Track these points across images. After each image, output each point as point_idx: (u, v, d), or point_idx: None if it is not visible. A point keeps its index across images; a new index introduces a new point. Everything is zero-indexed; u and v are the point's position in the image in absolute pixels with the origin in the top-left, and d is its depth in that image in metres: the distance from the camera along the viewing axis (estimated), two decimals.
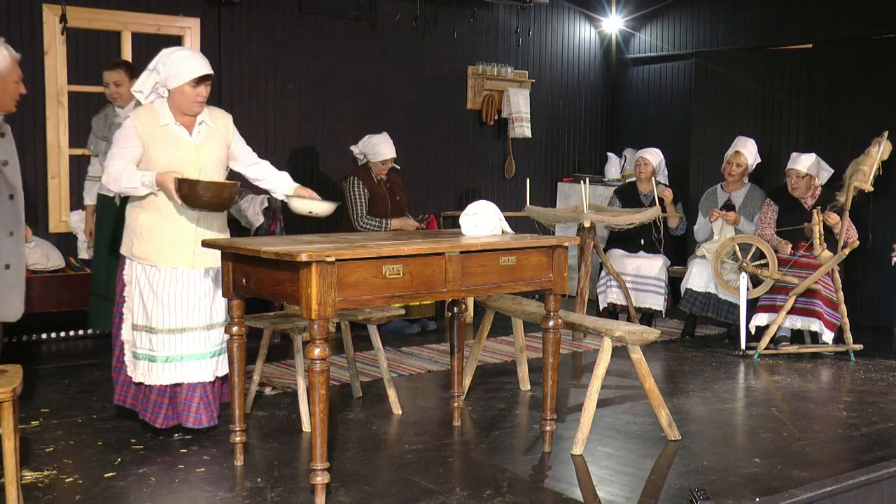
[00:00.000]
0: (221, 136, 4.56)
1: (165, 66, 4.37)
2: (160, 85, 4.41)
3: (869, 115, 7.66)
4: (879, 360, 6.56)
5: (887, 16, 7.65)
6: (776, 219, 7.08)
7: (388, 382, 5.16)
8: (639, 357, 4.62)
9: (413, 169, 8.36)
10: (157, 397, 4.48)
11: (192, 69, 4.35)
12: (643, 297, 7.45)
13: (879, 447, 4.60)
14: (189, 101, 4.39)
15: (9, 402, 3.34)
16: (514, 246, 4.12)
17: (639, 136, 9.40)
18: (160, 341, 4.40)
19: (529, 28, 9.32)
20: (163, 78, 4.39)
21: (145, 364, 4.44)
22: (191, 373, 4.44)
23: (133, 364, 4.48)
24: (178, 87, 4.36)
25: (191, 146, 4.44)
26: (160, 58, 4.42)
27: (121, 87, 5.96)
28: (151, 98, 4.46)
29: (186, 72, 4.35)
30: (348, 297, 3.63)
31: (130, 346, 4.49)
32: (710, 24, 9.01)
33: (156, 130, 4.39)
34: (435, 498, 3.85)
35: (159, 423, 4.50)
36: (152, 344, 4.41)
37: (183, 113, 4.42)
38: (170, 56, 4.40)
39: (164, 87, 4.41)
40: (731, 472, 4.22)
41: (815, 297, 6.64)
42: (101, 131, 6.06)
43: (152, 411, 4.49)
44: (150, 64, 4.43)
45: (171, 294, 4.40)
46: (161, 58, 4.42)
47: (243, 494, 3.88)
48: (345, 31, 8.21)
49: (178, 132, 4.43)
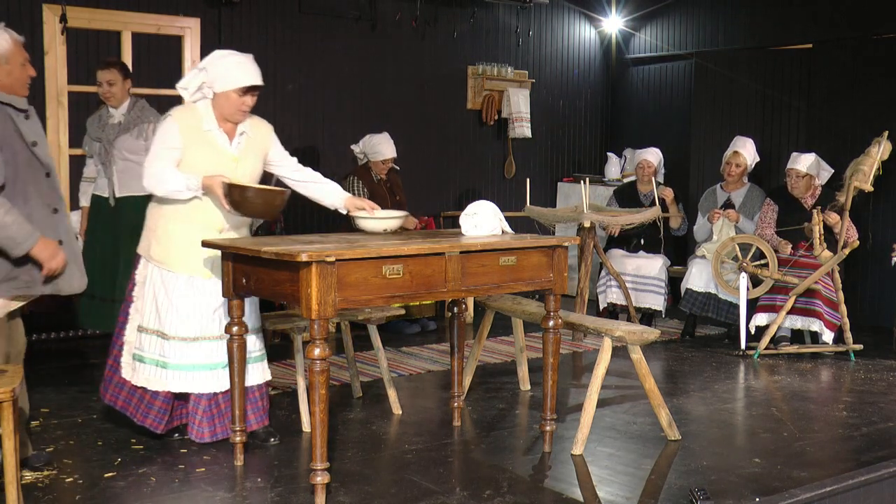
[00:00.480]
0: (260, 149, 4.47)
1: (215, 68, 4.27)
2: (206, 85, 4.30)
3: (869, 115, 7.66)
4: (879, 360, 6.56)
5: (887, 16, 7.65)
6: (776, 218, 7.08)
7: (388, 382, 5.16)
8: (639, 357, 4.62)
9: (413, 169, 8.36)
10: (162, 404, 4.42)
11: (242, 77, 4.26)
12: (643, 297, 7.45)
13: (879, 447, 4.60)
14: (233, 108, 4.29)
15: (9, 402, 3.34)
16: (514, 246, 4.12)
17: (639, 136, 9.40)
18: (172, 348, 4.33)
19: (529, 28, 9.32)
20: (210, 79, 4.28)
21: (151, 369, 4.36)
22: (200, 383, 4.37)
23: (131, 366, 4.41)
24: (224, 91, 4.26)
25: (229, 156, 4.34)
26: (212, 58, 4.31)
27: (114, 87, 5.89)
28: (196, 97, 4.34)
29: (236, 79, 4.25)
30: (348, 297, 3.63)
31: (132, 347, 4.43)
32: (710, 24, 9.01)
33: (198, 134, 4.29)
34: (435, 498, 3.85)
35: (161, 430, 4.47)
36: (164, 350, 4.34)
37: (225, 119, 4.32)
38: (222, 59, 4.30)
39: (209, 88, 4.30)
40: (731, 472, 4.22)
41: (815, 297, 6.64)
42: (95, 132, 5.99)
43: (155, 417, 4.43)
44: (201, 63, 4.34)
45: (186, 302, 4.32)
46: (213, 58, 4.31)
47: (243, 494, 3.88)
48: (345, 31, 8.21)
49: (220, 140, 4.33)
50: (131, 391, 4.45)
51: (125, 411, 4.48)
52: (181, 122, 4.29)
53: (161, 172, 4.21)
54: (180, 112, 4.34)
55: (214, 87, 4.28)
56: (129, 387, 4.45)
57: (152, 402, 4.42)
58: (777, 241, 6.96)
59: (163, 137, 4.27)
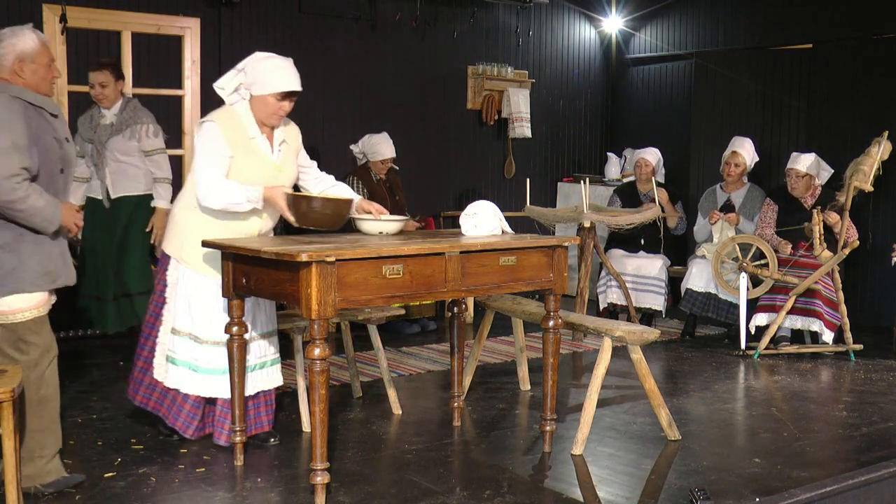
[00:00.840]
0: (294, 154, 4.43)
1: (255, 71, 4.20)
2: (244, 87, 4.24)
3: (869, 115, 7.66)
4: (879, 360, 6.56)
5: (887, 16, 7.65)
6: (776, 218, 7.08)
7: (388, 382, 5.16)
8: (639, 357, 4.62)
9: (413, 169, 8.36)
10: (191, 408, 4.40)
11: (282, 82, 4.18)
12: (643, 297, 7.45)
13: (879, 447, 4.60)
14: (269, 113, 4.23)
15: (9, 402, 3.35)
16: (514, 246, 4.12)
17: (639, 136, 9.40)
18: (205, 352, 4.31)
19: (529, 28, 9.32)
20: (248, 81, 4.21)
21: (184, 371, 4.33)
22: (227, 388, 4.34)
23: (164, 367, 4.37)
24: (262, 95, 4.19)
25: (272, 165, 4.29)
26: (251, 61, 4.24)
27: (106, 88, 5.90)
28: (233, 98, 4.28)
29: (276, 83, 4.17)
30: (348, 297, 3.63)
31: (164, 348, 4.37)
32: (710, 24, 9.01)
33: (243, 142, 4.20)
34: (435, 498, 3.85)
35: (190, 434, 4.44)
36: (196, 353, 4.32)
37: (261, 122, 4.26)
38: (262, 62, 4.22)
39: (246, 90, 4.25)
40: (731, 472, 4.22)
41: (815, 297, 6.64)
42: (87, 133, 5.99)
43: (184, 421, 4.41)
44: (239, 64, 4.27)
45: (219, 306, 4.29)
46: (252, 61, 4.24)
47: (243, 494, 3.88)
48: (345, 31, 8.21)
49: (264, 148, 4.26)
50: (164, 392, 4.42)
51: (157, 412, 4.47)
52: (224, 127, 4.18)
53: (218, 185, 4.08)
54: (222, 117, 4.23)
55: (252, 90, 4.22)
56: (161, 387, 4.41)
57: (182, 405, 4.41)
58: (777, 241, 6.96)
59: (210, 144, 4.15)
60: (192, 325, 4.33)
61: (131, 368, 4.57)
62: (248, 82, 4.22)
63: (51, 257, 3.75)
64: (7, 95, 3.62)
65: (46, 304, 3.78)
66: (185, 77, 7.47)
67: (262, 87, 4.19)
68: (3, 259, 3.64)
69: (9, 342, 3.69)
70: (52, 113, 3.77)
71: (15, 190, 3.53)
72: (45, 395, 3.77)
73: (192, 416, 4.42)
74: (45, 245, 3.73)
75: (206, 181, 4.10)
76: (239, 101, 4.28)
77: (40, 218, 3.63)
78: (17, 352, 3.69)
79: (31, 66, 3.75)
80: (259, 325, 4.45)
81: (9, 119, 3.57)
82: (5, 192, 3.52)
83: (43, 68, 3.79)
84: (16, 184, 3.53)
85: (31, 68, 3.75)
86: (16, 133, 3.56)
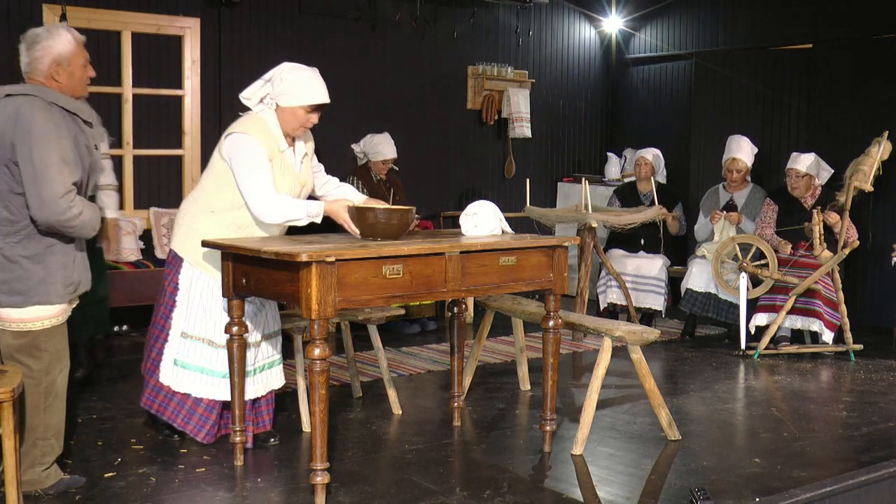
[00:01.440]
0: (310, 165, 4.44)
1: (284, 82, 4.17)
2: (270, 97, 4.22)
3: (869, 115, 7.66)
4: (879, 360, 6.56)
5: (887, 16, 7.65)
6: (776, 218, 7.08)
7: (388, 382, 5.16)
8: (639, 357, 4.62)
9: (413, 169, 8.36)
10: (203, 411, 4.37)
11: (313, 95, 4.17)
12: (643, 297, 7.45)
13: (879, 447, 4.60)
14: (297, 124, 4.21)
15: (9, 401, 3.34)
16: (514, 246, 4.12)
17: (639, 136, 9.40)
18: (221, 356, 4.29)
19: (529, 28, 9.33)
20: (276, 93, 4.19)
21: (195, 375, 4.30)
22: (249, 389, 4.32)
23: (172, 372, 4.32)
24: (291, 107, 4.17)
25: (297, 178, 4.28)
26: (280, 71, 4.22)
27: None
28: (260, 108, 4.25)
29: (307, 95, 4.16)
30: (348, 297, 3.63)
31: (173, 352, 4.32)
32: (710, 24, 9.01)
33: (276, 155, 4.17)
34: (435, 498, 3.85)
35: (202, 438, 4.40)
36: (211, 357, 4.30)
37: (286, 133, 4.24)
38: (292, 73, 4.20)
39: (272, 101, 4.22)
40: (731, 472, 4.22)
41: (816, 297, 6.64)
42: None
43: (196, 424, 4.37)
44: (267, 74, 4.25)
45: None
46: (281, 71, 4.22)
47: (243, 494, 3.88)
48: (345, 31, 8.21)
49: (292, 161, 4.26)
50: (168, 395, 4.36)
51: (162, 415, 4.42)
52: (262, 139, 4.13)
53: (277, 200, 4.03)
54: (257, 129, 4.16)
55: (280, 101, 4.19)
56: (165, 391, 4.36)
57: (194, 408, 4.37)
58: (777, 240, 6.96)
59: (257, 159, 4.08)
60: (207, 328, 4.29)
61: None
62: (277, 93, 4.20)
63: (75, 267, 3.72)
64: (44, 102, 3.53)
65: (65, 313, 3.76)
66: (185, 77, 7.48)
67: (292, 98, 4.17)
68: (32, 270, 3.59)
69: (24, 350, 3.65)
70: (86, 121, 3.70)
71: (70, 208, 3.49)
72: (52, 405, 3.75)
73: (204, 420, 4.39)
74: (70, 255, 3.70)
75: (261, 196, 4.04)
76: (265, 111, 4.24)
77: (88, 229, 3.61)
78: (31, 358, 3.66)
79: (68, 69, 3.66)
80: (268, 325, 4.45)
81: (54, 132, 3.49)
82: (60, 212, 3.47)
83: (79, 69, 3.71)
84: (70, 202, 3.48)
85: (67, 71, 3.66)
86: (62, 146, 3.49)
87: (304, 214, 4.06)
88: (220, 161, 4.23)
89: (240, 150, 4.11)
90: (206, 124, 7.52)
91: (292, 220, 4.08)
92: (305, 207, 4.06)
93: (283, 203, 4.06)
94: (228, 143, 4.17)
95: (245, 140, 4.11)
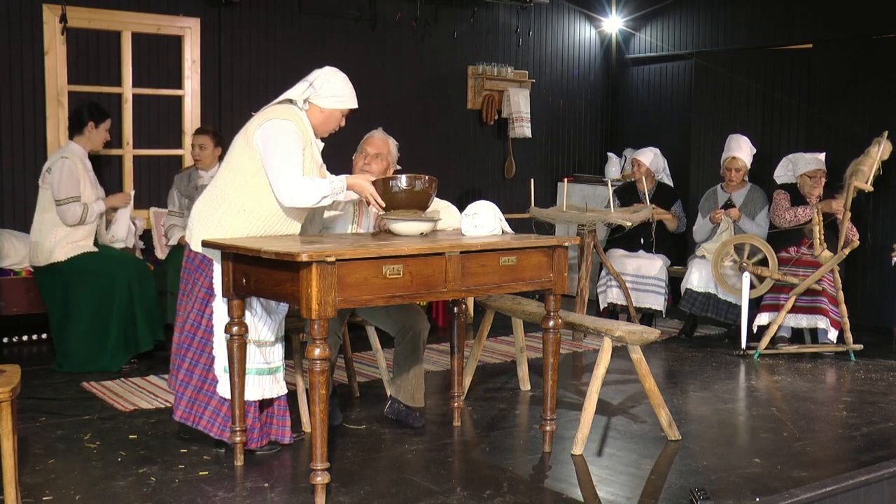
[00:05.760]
0: None
1: (326, 86, 4.27)
2: (309, 99, 4.28)
3: (869, 115, 7.66)
4: (879, 360, 6.56)
5: (887, 15, 7.65)
6: (790, 203, 7.04)
7: (388, 383, 5.16)
8: (639, 357, 4.62)
9: (413, 169, 8.33)
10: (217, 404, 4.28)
11: (352, 100, 4.37)
12: (643, 297, 7.45)
13: (879, 447, 4.60)
14: (330, 126, 4.33)
15: (7, 402, 3.34)
16: (515, 246, 4.12)
17: (639, 136, 9.40)
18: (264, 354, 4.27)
19: (529, 28, 9.32)
20: (320, 94, 4.27)
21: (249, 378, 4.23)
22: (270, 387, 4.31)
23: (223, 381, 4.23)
24: (331, 109, 4.29)
25: (320, 173, 4.34)
26: (321, 75, 4.31)
27: (204, 151, 6.48)
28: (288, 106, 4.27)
29: (349, 100, 4.35)
30: (348, 297, 3.63)
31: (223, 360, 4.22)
32: (710, 24, 9.01)
33: (307, 147, 4.22)
34: (435, 498, 3.85)
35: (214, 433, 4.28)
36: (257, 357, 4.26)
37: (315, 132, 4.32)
38: (334, 76, 4.33)
39: (308, 102, 4.28)
40: (731, 472, 4.22)
41: (821, 295, 6.63)
42: (187, 190, 6.50)
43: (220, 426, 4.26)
44: (310, 76, 4.33)
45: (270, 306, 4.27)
46: (322, 75, 4.32)
47: (243, 494, 3.88)
48: (345, 31, 8.21)
49: (318, 156, 4.33)
50: (192, 400, 4.25)
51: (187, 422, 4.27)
52: (300, 129, 4.20)
53: (304, 183, 4.04)
54: (295, 118, 4.21)
55: (322, 103, 4.28)
56: (189, 396, 4.24)
57: (208, 403, 4.27)
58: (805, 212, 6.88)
59: (294, 144, 4.11)
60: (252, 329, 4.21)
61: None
62: (320, 95, 4.28)
63: None
64: None
65: None
66: (185, 77, 7.47)
67: (335, 101, 4.30)
68: None
69: None
70: None
71: None
72: None
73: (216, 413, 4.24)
74: None
75: (290, 179, 4.04)
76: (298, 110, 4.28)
77: None
78: None
79: None
80: (278, 328, 4.40)
81: None
82: None
83: None
84: None
85: None
86: None
87: (329, 191, 4.09)
88: (247, 154, 4.16)
89: (279, 134, 4.11)
90: (206, 124, 7.51)
91: (320, 199, 4.07)
92: (329, 184, 4.10)
93: (310, 184, 4.07)
94: (266, 127, 4.14)
95: (287, 126, 4.14)
